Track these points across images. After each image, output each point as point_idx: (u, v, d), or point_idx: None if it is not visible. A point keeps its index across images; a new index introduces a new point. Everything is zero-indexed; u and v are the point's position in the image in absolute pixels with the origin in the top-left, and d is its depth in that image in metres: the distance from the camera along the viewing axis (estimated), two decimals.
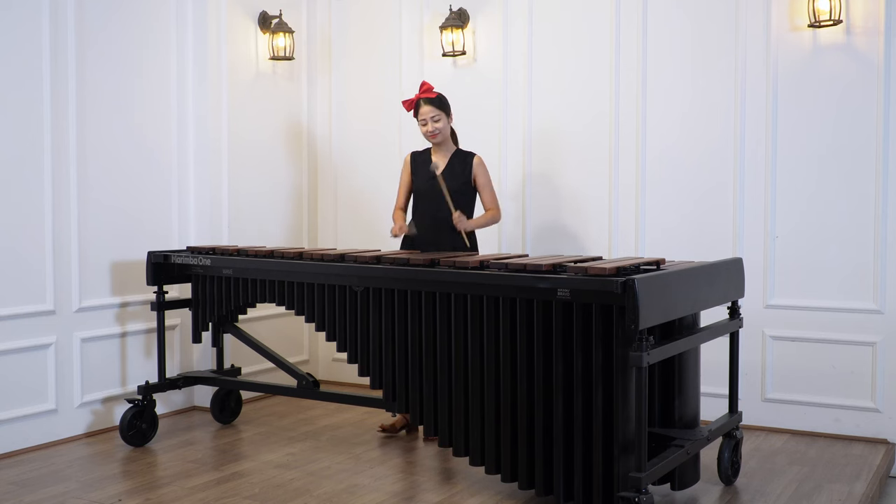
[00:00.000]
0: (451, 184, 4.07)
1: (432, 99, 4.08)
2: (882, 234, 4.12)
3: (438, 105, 4.09)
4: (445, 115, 4.12)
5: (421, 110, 4.10)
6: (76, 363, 4.33)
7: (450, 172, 4.12)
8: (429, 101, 4.08)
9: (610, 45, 4.72)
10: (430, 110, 4.08)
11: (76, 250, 4.32)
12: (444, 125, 4.11)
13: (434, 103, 4.08)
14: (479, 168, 4.15)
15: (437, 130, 4.09)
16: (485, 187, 4.16)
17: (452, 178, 4.10)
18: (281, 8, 5.24)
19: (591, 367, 3.02)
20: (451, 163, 4.15)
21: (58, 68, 4.23)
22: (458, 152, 4.19)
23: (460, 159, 4.16)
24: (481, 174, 4.15)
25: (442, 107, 4.10)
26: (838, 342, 4.22)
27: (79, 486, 3.59)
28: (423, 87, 4.13)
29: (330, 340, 3.82)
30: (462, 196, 4.11)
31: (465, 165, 4.14)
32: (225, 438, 4.33)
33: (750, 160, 4.39)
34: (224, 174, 4.96)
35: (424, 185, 4.16)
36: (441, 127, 4.10)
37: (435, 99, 4.09)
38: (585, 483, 3.04)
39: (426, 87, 4.11)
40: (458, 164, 4.15)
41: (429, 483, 3.61)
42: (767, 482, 3.60)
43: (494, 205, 4.17)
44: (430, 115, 4.08)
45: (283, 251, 3.99)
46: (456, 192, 4.07)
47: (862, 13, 4.12)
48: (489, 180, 4.18)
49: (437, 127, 4.09)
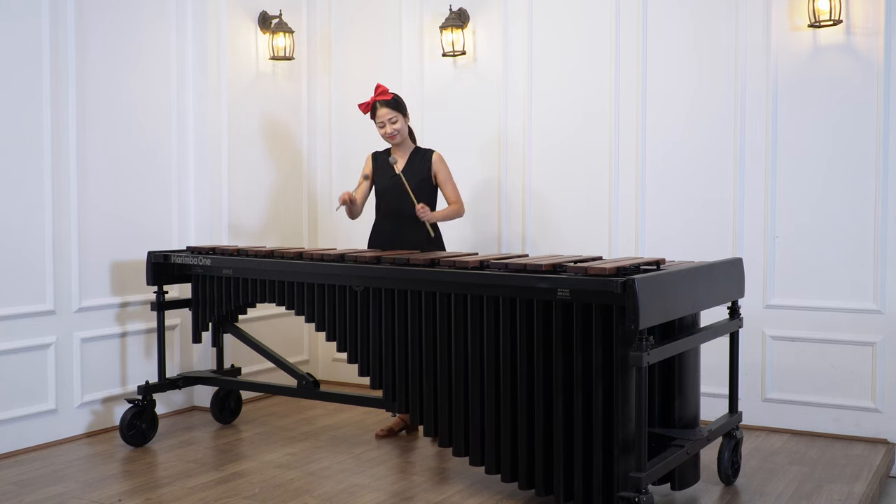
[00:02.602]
0: (411, 181, 4.15)
1: (388, 101, 4.15)
2: (882, 234, 4.12)
3: (394, 107, 4.16)
4: (402, 115, 4.19)
5: (378, 113, 4.17)
6: (76, 363, 4.33)
7: (409, 170, 4.20)
8: (385, 104, 4.15)
9: (610, 43, 4.72)
10: (387, 112, 4.15)
11: (76, 250, 4.33)
12: (402, 126, 4.19)
13: (390, 105, 4.15)
14: (438, 164, 4.23)
15: (395, 132, 4.17)
16: (446, 182, 4.24)
17: (412, 175, 4.18)
18: (281, 8, 5.24)
19: (591, 366, 3.02)
20: (411, 160, 4.24)
21: (58, 68, 4.23)
22: (417, 150, 4.28)
23: (419, 157, 4.25)
24: (441, 170, 4.23)
25: (398, 108, 4.18)
26: (838, 342, 4.22)
27: (79, 486, 3.59)
28: (377, 89, 4.20)
29: (330, 340, 3.82)
30: (422, 193, 4.19)
31: (424, 162, 4.23)
32: (225, 438, 4.33)
33: (750, 159, 4.39)
34: (224, 174, 4.96)
35: (387, 183, 4.24)
36: (399, 128, 4.17)
37: (391, 101, 4.16)
38: (585, 483, 3.04)
39: (381, 90, 4.18)
40: (417, 162, 4.23)
41: (429, 483, 3.61)
42: (767, 482, 3.60)
43: (457, 199, 4.25)
44: (387, 118, 4.15)
45: (283, 251, 3.99)
46: (416, 189, 4.15)
47: (862, 13, 4.12)
48: (450, 175, 4.26)
49: (396, 128, 4.16)
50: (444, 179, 4.24)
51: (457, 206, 4.25)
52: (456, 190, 4.27)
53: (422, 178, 4.21)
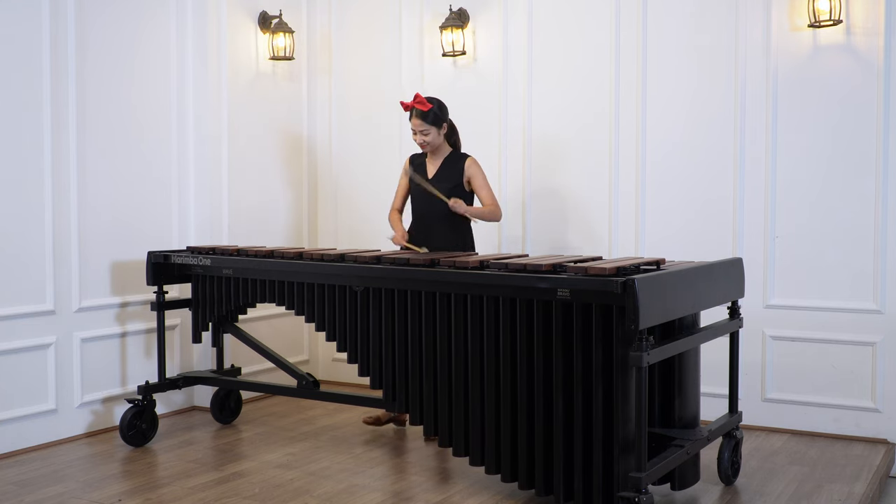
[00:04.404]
0: (443, 186, 4.11)
1: (423, 112, 4.08)
2: (882, 234, 4.12)
3: (429, 121, 4.09)
4: (436, 128, 4.12)
5: (412, 121, 4.14)
6: (76, 363, 4.33)
7: (441, 176, 4.17)
8: (419, 115, 4.09)
9: (610, 43, 4.72)
10: (419, 124, 4.11)
11: (76, 250, 4.33)
12: (434, 138, 4.14)
13: (423, 118, 4.09)
14: (471, 169, 4.18)
15: (425, 143, 4.15)
16: (482, 187, 4.18)
17: (443, 181, 4.14)
18: (281, 8, 5.24)
19: (591, 366, 3.02)
20: (443, 166, 4.19)
21: (58, 68, 4.22)
22: (451, 155, 4.23)
23: (452, 162, 4.20)
24: (475, 175, 4.17)
25: (433, 121, 4.10)
26: (838, 342, 4.22)
27: (79, 486, 3.59)
28: (416, 97, 4.12)
29: (330, 340, 3.82)
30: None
31: (456, 168, 4.18)
32: (225, 438, 4.33)
33: (750, 159, 4.39)
34: (224, 174, 4.96)
35: (415, 187, 4.23)
36: (430, 140, 4.13)
37: (426, 113, 4.08)
38: (585, 483, 3.04)
39: (419, 99, 4.10)
40: (449, 168, 4.19)
41: (429, 483, 3.61)
42: (767, 482, 3.60)
43: (492, 202, 4.18)
44: (419, 129, 4.12)
45: (283, 251, 3.99)
46: (445, 193, 4.10)
47: (862, 13, 4.12)
48: (485, 180, 4.20)
49: (426, 140, 4.13)
50: (479, 185, 4.17)
51: (492, 208, 4.16)
52: (491, 194, 4.19)
53: (454, 185, 4.15)
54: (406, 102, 4.16)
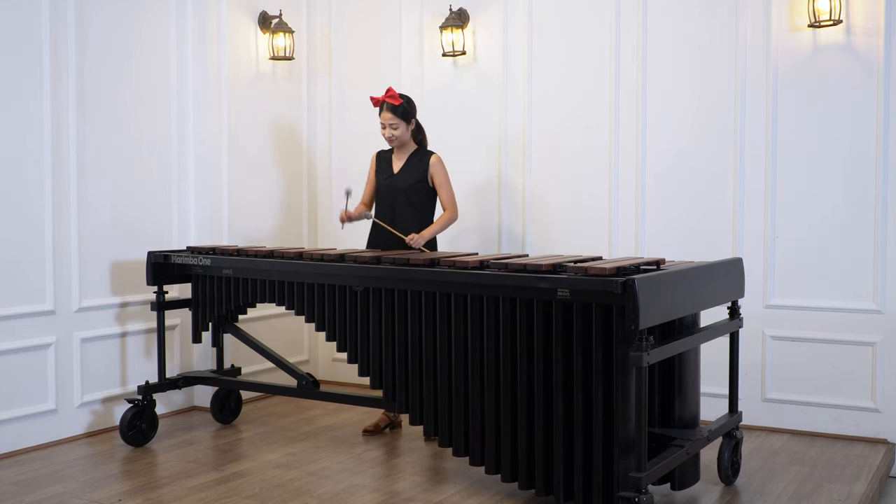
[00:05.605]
0: (406, 181, 4.22)
1: (394, 106, 4.18)
2: (882, 234, 4.12)
3: (398, 114, 4.18)
4: (405, 122, 4.22)
5: (382, 114, 4.22)
6: (76, 363, 4.33)
7: (407, 171, 4.25)
8: (390, 108, 4.18)
9: (610, 43, 4.72)
10: (389, 117, 4.20)
11: (76, 250, 4.33)
12: (402, 132, 4.22)
13: (394, 111, 4.18)
14: (435, 167, 4.25)
15: (393, 137, 4.23)
16: (442, 186, 4.26)
17: (409, 176, 4.24)
18: (281, 8, 5.24)
19: (591, 366, 3.02)
20: (409, 162, 4.29)
21: (58, 68, 4.22)
22: (417, 151, 4.32)
23: (418, 158, 4.29)
24: (438, 173, 4.25)
25: (402, 115, 4.19)
26: (838, 342, 4.22)
27: (79, 486, 3.59)
28: (388, 91, 4.21)
29: (330, 340, 3.82)
30: (417, 194, 4.23)
31: (421, 164, 4.26)
32: (225, 438, 4.33)
33: (750, 159, 4.39)
34: (224, 174, 4.96)
35: (382, 183, 4.32)
36: (398, 134, 4.21)
37: (396, 107, 4.18)
38: (585, 483, 3.04)
39: (391, 93, 4.20)
40: (415, 163, 4.27)
41: (429, 483, 3.61)
42: (767, 482, 3.60)
43: (451, 204, 4.28)
44: (388, 122, 4.21)
45: (283, 251, 3.99)
46: (411, 190, 4.21)
47: (862, 13, 4.12)
48: (446, 179, 4.27)
49: (395, 134, 4.21)
50: (440, 183, 4.25)
51: (449, 213, 4.26)
52: (451, 194, 4.28)
53: (417, 180, 4.24)
54: (376, 97, 4.23)
